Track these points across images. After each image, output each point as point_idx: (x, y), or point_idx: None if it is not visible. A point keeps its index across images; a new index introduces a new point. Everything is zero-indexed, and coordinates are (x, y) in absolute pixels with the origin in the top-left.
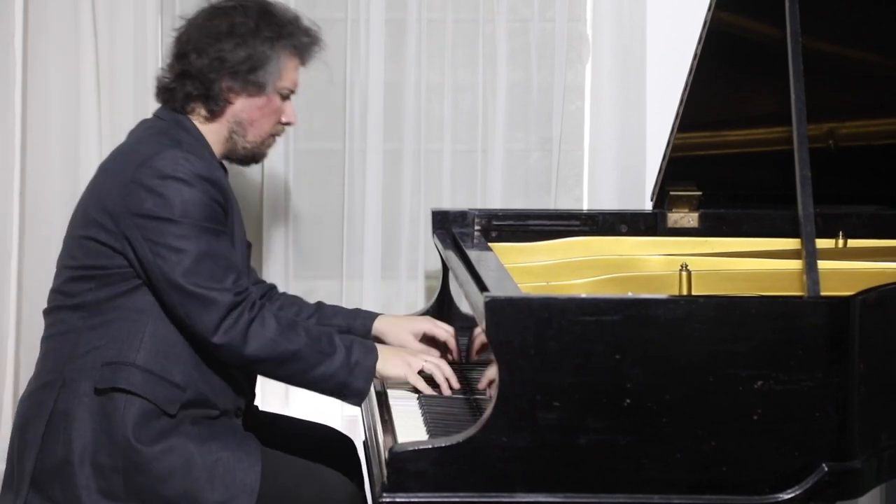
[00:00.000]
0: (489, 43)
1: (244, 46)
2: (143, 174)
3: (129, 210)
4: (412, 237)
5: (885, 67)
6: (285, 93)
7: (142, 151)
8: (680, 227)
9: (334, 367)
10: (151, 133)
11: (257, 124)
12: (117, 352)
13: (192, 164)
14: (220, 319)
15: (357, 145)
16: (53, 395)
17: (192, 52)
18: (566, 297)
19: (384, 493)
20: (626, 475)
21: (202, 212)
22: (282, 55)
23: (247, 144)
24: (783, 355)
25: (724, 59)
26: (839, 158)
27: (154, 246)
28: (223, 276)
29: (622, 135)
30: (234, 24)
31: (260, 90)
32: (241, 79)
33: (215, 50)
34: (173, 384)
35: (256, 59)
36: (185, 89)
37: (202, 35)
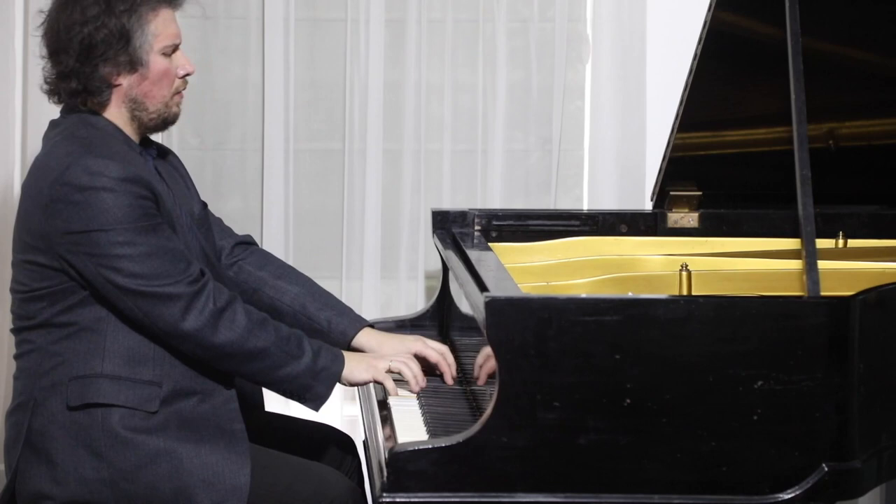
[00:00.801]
0: (489, 43)
1: (103, 28)
2: (61, 192)
3: (58, 230)
4: (412, 237)
5: (885, 67)
6: (169, 51)
7: (52, 167)
8: (680, 227)
9: (299, 369)
10: (59, 140)
11: (151, 94)
12: (83, 364)
13: (107, 168)
14: (185, 309)
15: (357, 145)
16: (27, 415)
17: (58, 51)
18: (566, 297)
19: (384, 493)
20: (626, 475)
21: (131, 213)
22: (145, 19)
23: (151, 115)
24: (783, 355)
25: (724, 59)
26: (839, 158)
27: (93, 258)
28: (172, 269)
29: (622, 135)
30: (85, 7)
31: (138, 63)
32: (112, 62)
33: (77, 43)
34: (146, 383)
35: (120, 37)
36: (67, 87)
37: (60, 29)
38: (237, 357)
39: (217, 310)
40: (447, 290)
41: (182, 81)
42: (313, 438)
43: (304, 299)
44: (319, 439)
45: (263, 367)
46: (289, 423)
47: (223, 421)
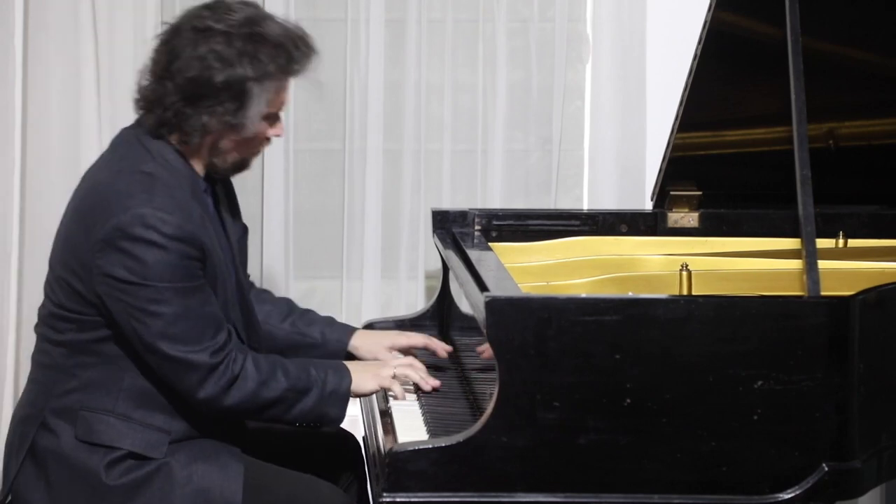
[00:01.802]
0: (489, 43)
1: (222, 81)
2: (112, 236)
3: (101, 270)
4: (412, 237)
5: (885, 67)
6: (273, 118)
7: (112, 204)
8: (680, 227)
9: (311, 402)
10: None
11: (241, 149)
12: (96, 398)
13: (164, 222)
14: (202, 380)
15: (357, 145)
16: (33, 430)
17: (167, 77)
18: (566, 297)
19: (384, 492)
20: (626, 475)
21: (176, 273)
22: (266, 89)
23: (227, 166)
24: (783, 355)
25: (724, 59)
26: (839, 158)
27: (128, 308)
28: (201, 336)
29: (622, 135)
30: (215, 52)
31: (240, 129)
32: (217, 118)
33: (190, 81)
34: (154, 428)
35: (235, 98)
36: (159, 115)
37: (179, 59)
38: (251, 411)
39: (232, 378)
40: (447, 290)
41: (268, 141)
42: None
43: (292, 318)
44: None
45: (278, 411)
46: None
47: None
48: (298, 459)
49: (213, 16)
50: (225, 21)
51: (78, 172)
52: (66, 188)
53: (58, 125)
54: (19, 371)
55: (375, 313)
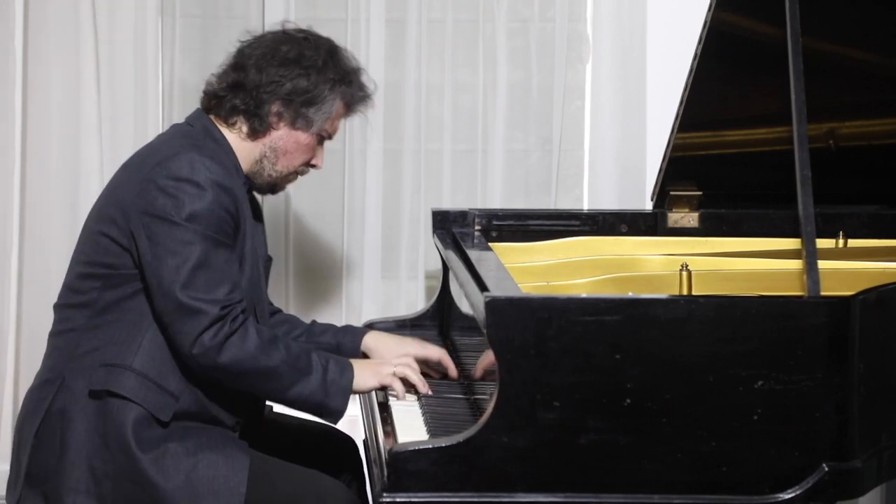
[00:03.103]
0: (489, 43)
1: (306, 78)
2: (157, 173)
3: (139, 207)
4: (412, 237)
5: (885, 67)
6: (324, 136)
7: (161, 151)
8: (680, 227)
9: (311, 387)
10: (177, 136)
11: (291, 157)
12: (115, 354)
13: (209, 170)
14: (202, 331)
15: (357, 145)
16: (51, 393)
17: (252, 66)
18: (566, 297)
19: (384, 493)
20: (626, 475)
21: (209, 220)
22: (337, 100)
23: (273, 173)
24: (783, 355)
25: (724, 59)
26: (839, 158)
27: (155, 247)
28: (215, 288)
29: (622, 135)
30: (303, 54)
31: (307, 126)
32: (292, 109)
33: (277, 72)
34: (167, 392)
35: (314, 96)
36: (233, 101)
37: (267, 54)
38: (248, 376)
39: (228, 333)
40: (447, 290)
41: (308, 168)
42: (315, 440)
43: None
44: (321, 441)
45: (276, 386)
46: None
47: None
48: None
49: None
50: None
51: (78, 173)
52: (66, 188)
53: (58, 125)
54: (19, 371)
55: (375, 313)
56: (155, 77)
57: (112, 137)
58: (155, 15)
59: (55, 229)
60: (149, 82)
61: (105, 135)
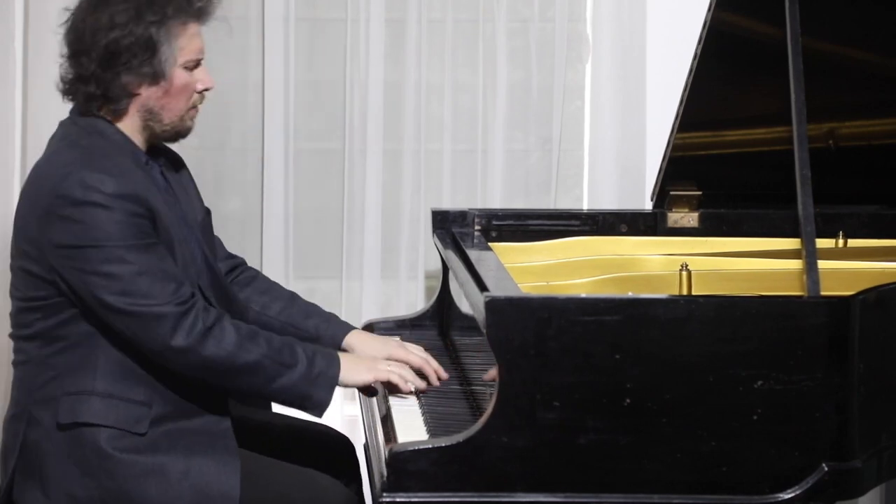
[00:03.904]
0: (489, 43)
1: (129, 37)
2: (55, 204)
3: (51, 242)
4: (412, 237)
5: (885, 67)
6: (191, 65)
7: (51, 175)
8: (680, 227)
9: (295, 378)
10: (62, 147)
11: (169, 107)
12: (75, 380)
13: (103, 183)
14: (172, 329)
15: (357, 145)
16: (22, 427)
17: (81, 53)
18: (566, 297)
19: (384, 492)
20: (626, 475)
21: (124, 231)
22: (173, 32)
23: (165, 127)
24: (783, 355)
25: (724, 59)
26: (839, 158)
27: (84, 274)
28: (161, 290)
29: (622, 135)
30: (114, 13)
31: (160, 76)
32: (135, 71)
33: (102, 48)
34: (137, 402)
35: (146, 48)
36: (84, 91)
37: (86, 32)
38: (229, 373)
39: (205, 328)
40: (447, 290)
41: (199, 96)
42: (312, 441)
43: (290, 310)
44: (318, 442)
45: (258, 380)
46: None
47: (214, 436)
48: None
49: None
50: None
51: None
52: None
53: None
54: None
55: (375, 313)
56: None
57: None
58: None
59: None
60: None
61: None
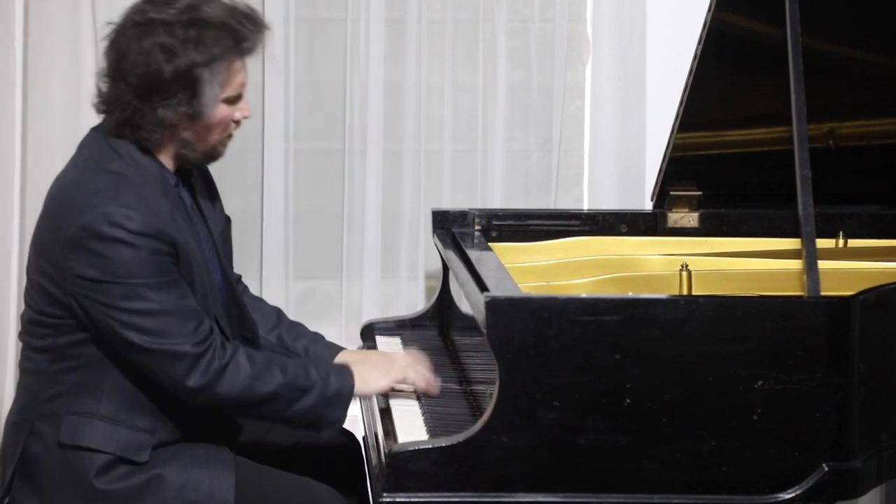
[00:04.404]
0: (489, 43)
1: (171, 73)
2: (79, 236)
3: (72, 272)
4: (412, 237)
5: (885, 67)
6: (232, 99)
7: (77, 204)
8: (680, 227)
9: (311, 402)
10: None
11: (204, 138)
12: (80, 402)
13: (130, 220)
14: (190, 368)
15: (357, 145)
16: (23, 436)
17: (119, 79)
18: (566, 297)
19: (384, 492)
20: (626, 475)
21: (146, 269)
22: (217, 73)
23: (198, 155)
24: (783, 355)
25: (724, 59)
26: (839, 158)
27: (103, 307)
28: (181, 329)
29: (622, 135)
30: (159, 45)
31: (198, 117)
32: (173, 109)
33: (141, 78)
34: (140, 430)
35: (187, 87)
36: (118, 116)
37: (128, 55)
38: (247, 406)
39: (221, 367)
40: (447, 290)
41: (236, 124)
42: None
43: (279, 330)
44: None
45: (276, 408)
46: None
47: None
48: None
49: (153, 8)
50: (165, 11)
51: None
52: None
53: (58, 125)
54: None
55: (375, 313)
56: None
57: None
58: None
59: None
60: None
61: None
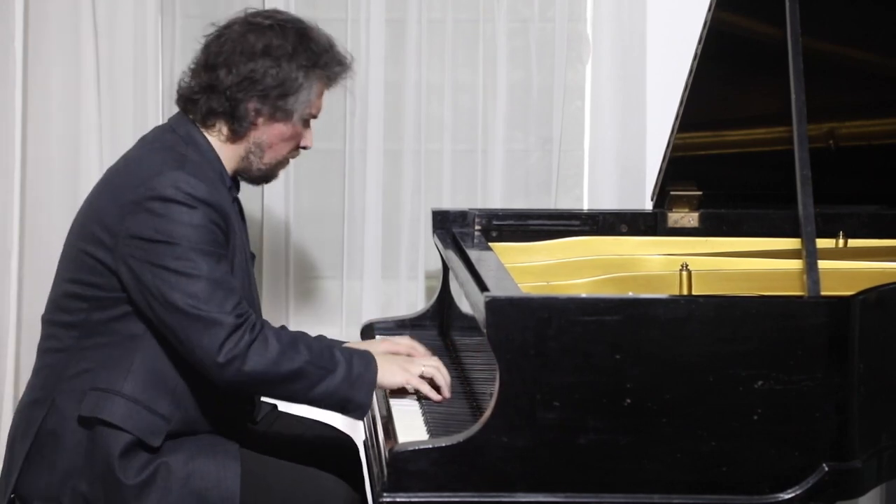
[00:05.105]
0: (489, 43)
1: (278, 70)
2: (142, 195)
3: (129, 232)
4: (412, 237)
5: (885, 67)
6: (309, 119)
7: (143, 170)
8: (680, 227)
9: (336, 382)
10: (159, 147)
11: (276, 148)
12: (105, 378)
13: (193, 187)
14: (223, 340)
15: (357, 145)
16: (42, 413)
17: (221, 66)
18: (566, 297)
19: (384, 493)
20: (626, 475)
21: (202, 235)
22: (314, 84)
23: (262, 166)
24: (783, 355)
25: (724, 59)
26: (839, 158)
27: (154, 268)
28: (224, 301)
29: (622, 135)
30: (271, 45)
31: (287, 117)
32: (270, 103)
33: (248, 69)
34: (158, 415)
35: (289, 86)
36: (209, 104)
37: (235, 50)
38: (272, 382)
39: (250, 341)
40: (447, 290)
41: (298, 151)
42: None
43: None
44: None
45: (300, 387)
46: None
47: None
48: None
49: (263, 13)
50: (276, 18)
51: (78, 172)
52: (65, 189)
53: (58, 125)
54: (19, 371)
55: (376, 313)
56: (155, 77)
57: (112, 137)
58: (155, 15)
59: (55, 229)
60: (149, 82)
61: (105, 135)
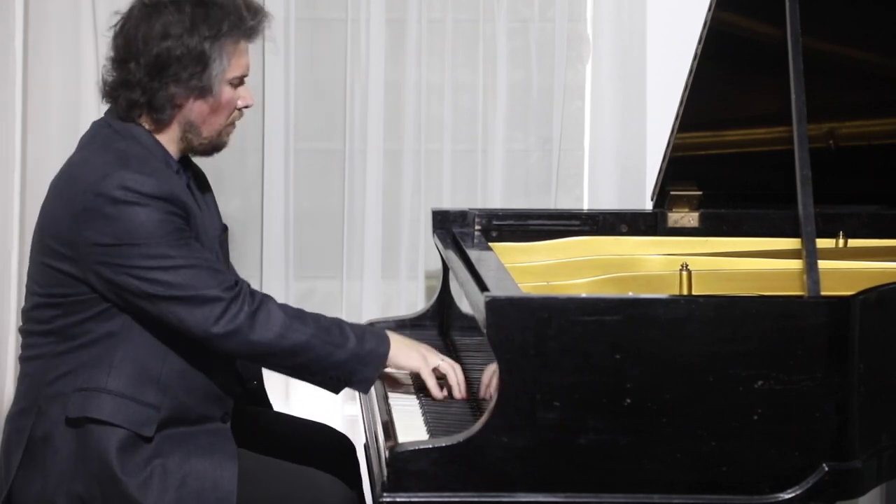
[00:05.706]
0: (489, 43)
1: (181, 48)
2: (94, 202)
3: (88, 241)
4: (412, 237)
5: (885, 67)
6: (236, 82)
7: (88, 175)
8: (680, 227)
9: (345, 356)
10: (98, 147)
11: (210, 121)
12: (88, 377)
13: (141, 185)
14: (221, 312)
15: (357, 145)
16: (30, 421)
17: (130, 59)
18: (566, 297)
19: (384, 492)
20: (626, 475)
21: (162, 228)
22: (225, 48)
23: (203, 141)
24: (783, 355)
25: (724, 59)
26: (839, 158)
27: (126, 269)
28: (209, 278)
29: (622, 135)
30: (169, 24)
31: (207, 92)
32: (183, 84)
33: (153, 57)
34: (147, 405)
35: (197, 62)
36: (128, 97)
37: (137, 38)
38: (279, 355)
39: (251, 312)
40: (447, 290)
41: (238, 112)
42: (312, 440)
43: None
44: (318, 441)
45: (308, 360)
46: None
47: (213, 438)
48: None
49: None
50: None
51: None
52: None
53: (58, 125)
54: None
55: (376, 313)
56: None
57: None
58: None
59: None
60: None
61: None
